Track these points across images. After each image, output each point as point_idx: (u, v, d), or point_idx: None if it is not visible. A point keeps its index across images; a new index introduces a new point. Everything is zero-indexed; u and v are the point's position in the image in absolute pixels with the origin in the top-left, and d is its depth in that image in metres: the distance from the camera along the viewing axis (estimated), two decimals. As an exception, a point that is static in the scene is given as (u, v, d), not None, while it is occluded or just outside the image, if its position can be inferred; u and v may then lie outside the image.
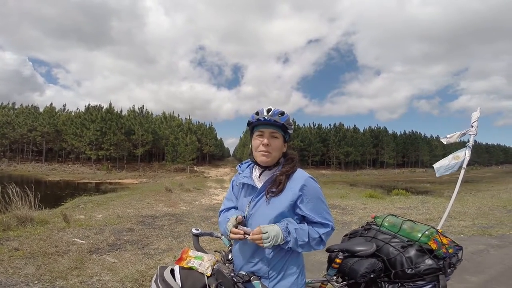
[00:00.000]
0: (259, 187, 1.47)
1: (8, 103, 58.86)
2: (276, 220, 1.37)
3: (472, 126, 3.91)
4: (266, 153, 1.43)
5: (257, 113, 1.48)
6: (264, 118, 1.43)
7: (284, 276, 1.37)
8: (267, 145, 1.43)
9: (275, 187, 1.40)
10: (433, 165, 4.34)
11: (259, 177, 1.51)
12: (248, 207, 1.46)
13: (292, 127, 1.51)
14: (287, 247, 1.35)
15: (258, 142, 1.46)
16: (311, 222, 1.42)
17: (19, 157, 52.61)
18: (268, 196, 1.40)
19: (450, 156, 4.11)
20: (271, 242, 1.29)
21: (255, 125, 1.49)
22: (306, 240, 1.35)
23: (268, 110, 1.45)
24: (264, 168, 1.49)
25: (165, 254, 4.41)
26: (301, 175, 1.45)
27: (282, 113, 1.46)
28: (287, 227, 1.33)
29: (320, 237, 1.39)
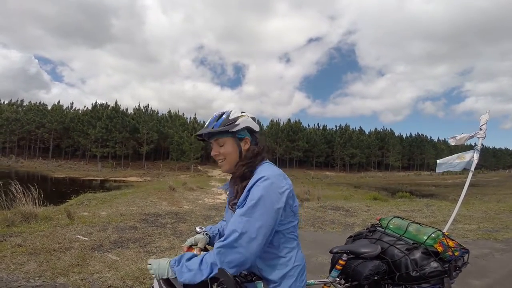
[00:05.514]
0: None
1: (17, 100, 59.67)
2: None
3: (481, 129, 3.84)
4: (220, 162, 1.39)
5: None
6: (198, 135, 1.40)
7: (284, 277, 1.31)
8: (216, 154, 1.38)
9: (236, 199, 1.31)
10: (437, 160, 4.36)
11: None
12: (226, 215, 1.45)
13: (237, 123, 1.33)
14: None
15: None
16: None
17: (26, 153, 53.31)
18: (233, 209, 1.33)
19: (455, 155, 4.08)
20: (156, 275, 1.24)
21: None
22: (193, 268, 1.21)
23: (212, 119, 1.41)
24: (233, 174, 1.42)
25: (167, 253, 4.40)
26: (257, 175, 1.26)
27: (220, 116, 1.37)
28: (178, 262, 1.24)
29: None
